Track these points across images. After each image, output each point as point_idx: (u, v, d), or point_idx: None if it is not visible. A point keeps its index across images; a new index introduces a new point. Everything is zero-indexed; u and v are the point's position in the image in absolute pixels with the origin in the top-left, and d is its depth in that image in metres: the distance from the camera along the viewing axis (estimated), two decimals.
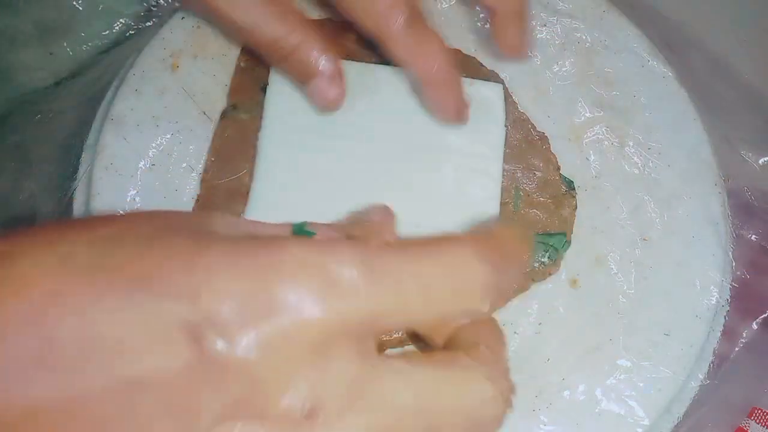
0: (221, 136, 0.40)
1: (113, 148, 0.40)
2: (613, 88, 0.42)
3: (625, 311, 0.38)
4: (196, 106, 0.41)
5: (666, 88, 0.42)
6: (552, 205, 0.39)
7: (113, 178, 0.39)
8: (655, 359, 0.37)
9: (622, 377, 0.36)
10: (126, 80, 0.41)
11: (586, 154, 0.41)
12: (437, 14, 0.44)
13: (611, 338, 0.37)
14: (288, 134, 0.39)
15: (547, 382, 0.36)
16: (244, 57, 0.42)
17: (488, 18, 0.40)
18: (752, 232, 0.41)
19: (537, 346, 0.37)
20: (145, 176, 0.40)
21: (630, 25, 0.44)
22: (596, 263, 0.39)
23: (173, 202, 0.39)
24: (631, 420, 0.36)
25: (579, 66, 0.43)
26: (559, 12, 0.44)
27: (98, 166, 0.40)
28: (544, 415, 0.36)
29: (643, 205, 0.40)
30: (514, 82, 0.42)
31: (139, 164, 0.40)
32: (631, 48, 0.43)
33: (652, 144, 0.41)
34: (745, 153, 0.43)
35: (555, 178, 0.40)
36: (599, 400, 0.36)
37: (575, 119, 0.42)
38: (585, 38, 0.43)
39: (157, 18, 0.45)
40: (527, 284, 0.38)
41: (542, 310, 0.38)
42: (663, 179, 0.40)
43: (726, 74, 0.45)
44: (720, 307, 0.39)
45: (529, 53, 0.41)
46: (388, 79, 0.40)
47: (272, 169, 0.39)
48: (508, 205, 0.39)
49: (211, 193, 0.39)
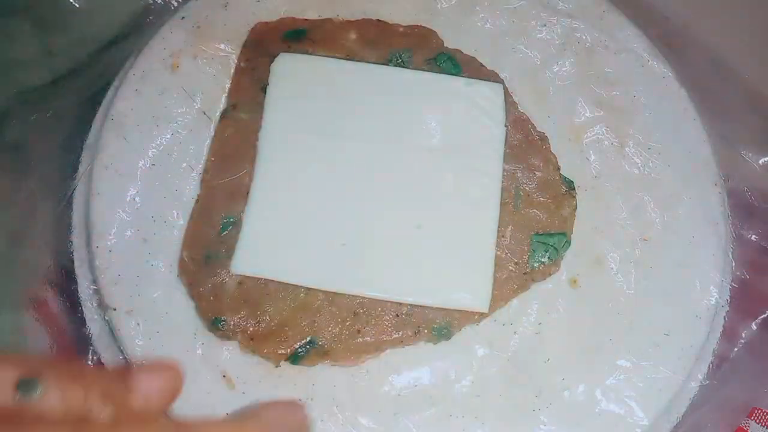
0: (221, 136, 0.40)
1: (113, 147, 0.40)
2: (613, 88, 0.42)
3: (625, 311, 0.38)
4: (196, 106, 0.41)
5: (666, 88, 0.42)
6: (552, 205, 0.39)
7: (113, 178, 0.39)
8: (655, 359, 0.37)
9: (622, 377, 0.36)
10: (126, 80, 0.41)
11: (586, 154, 0.41)
12: (437, 14, 0.44)
13: (611, 338, 0.37)
14: (288, 134, 0.39)
15: (547, 382, 0.36)
16: (244, 57, 0.42)
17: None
18: (752, 232, 0.41)
19: (537, 346, 0.37)
20: (145, 176, 0.40)
21: (630, 25, 0.44)
22: (596, 263, 0.39)
23: (173, 202, 0.39)
24: (631, 420, 0.36)
25: (579, 66, 0.43)
26: (559, 12, 0.44)
27: (98, 165, 0.40)
28: (544, 415, 0.36)
29: (643, 205, 0.40)
30: (514, 82, 0.42)
31: (139, 164, 0.40)
32: (631, 48, 0.43)
33: (652, 144, 0.41)
34: (745, 153, 0.43)
35: (555, 178, 0.40)
36: (599, 400, 0.36)
37: (575, 119, 0.42)
38: (585, 38, 0.43)
39: (155, 16, 0.45)
40: (527, 284, 0.38)
41: (542, 310, 0.38)
42: (663, 179, 0.40)
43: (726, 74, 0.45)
44: (720, 307, 0.39)
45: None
46: (388, 80, 0.40)
47: (272, 169, 0.39)
48: (508, 205, 0.39)
49: (211, 193, 0.39)
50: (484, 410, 0.36)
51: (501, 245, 0.38)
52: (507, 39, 0.43)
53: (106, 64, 0.44)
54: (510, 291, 0.37)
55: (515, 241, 0.38)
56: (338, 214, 0.38)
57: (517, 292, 0.38)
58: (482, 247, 0.37)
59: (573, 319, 0.38)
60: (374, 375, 0.36)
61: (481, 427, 0.35)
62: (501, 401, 0.36)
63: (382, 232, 0.38)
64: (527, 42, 0.43)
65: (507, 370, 0.36)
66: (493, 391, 0.36)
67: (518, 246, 0.38)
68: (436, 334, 0.36)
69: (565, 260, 0.39)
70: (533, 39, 0.43)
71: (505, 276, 0.38)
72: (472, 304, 0.36)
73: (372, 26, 0.43)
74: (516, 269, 0.38)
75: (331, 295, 0.36)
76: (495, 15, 0.44)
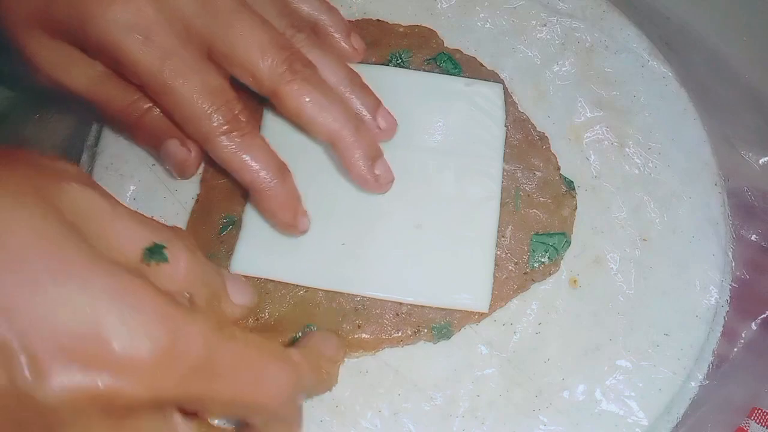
0: None
1: (113, 148, 0.40)
2: (613, 88, 0.42)
3: (625, 311, 0.38)
4: None
5: (666, 88, 0.43)
6: (552, 205, 0.39)
7: (113, 178, 0.39)
8: (655, 359, 0.37)
9: (622, 377, 0.36)
10: None
11: (586, 154, 0.41)
12: (437, 14, 0.44)
13: (611, 338, 0.37)
14: (288, 135, 0.39)
15: (547, 382, 0.36)
16: None
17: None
18: (752, 232, 0.41)
19: (537, 346, 0.37)
20: (145, 176, 0.40)
21: (630, 25, 0.44)
22: (596, 263, 0.39)
23: (173, 202, 0.39)
24: (631, 420, 0.36)
25: (579, 66, 0.43)
26: (560, 12, 0.44)
27: (98, 166, 0.40)
28: (544, 415, 0.36)
29: (643, 205, 0.40)
30: (514, 82, 0.42)
31: (139, 164, 0.40)
32: (631, 48, 0.43)
33: (652, 144, 0.41)
34: (745, 153, 0.43)
35: (555, 178, 0.40)
36: (599, 400, 0.36)
37: (575, 119, 0.42)
38: (585, 38, 0.43)
39: None
40: (527, 284, 0.38)
41: (542, 310, 0.38)
42: (663, 179, 0.40)
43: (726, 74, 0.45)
44: (720, 307, 0.39)
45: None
46: (388, 80, 0.40)
47: None
48: (508, 205, 0.39)
49: (210, 193, 0.39)
50: (484, 410, 0.36)
51: (501, 245, 0.38)
52: (507, 39, 0.43)
53: None
54: (510, 291, 0.37)
55: (515, 241, 0.38)
56: (338, 214, 0.38)
57: (517, 292, 0.38)
58: (482, 247, 0.37)
59: (573, 319, 0.38)
60: (374, 375, 0.36)
61: (481, 427, 0.35)
62: (501, 401, 0.36)
63: (382, 232, 0.38)
64: (527, 42, 0.43)
65: (507, 370, 0.36)
66: (493, 391, 0.36)
67: (518, 246, 0.38)
68: (435, 334, 0.36)
69: (565, 260, 0.38)
70: (533, 39, 0.43)
71: (505, 276, 0.38)
72: (472, 304, 0.36)
73: (372, 26, 0.43)
74: (516, 269, 0.38)
75: (330, 294, 0.37)
76: (495, 15, 0.44)
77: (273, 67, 0.34)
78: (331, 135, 0.35)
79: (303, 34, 0.36)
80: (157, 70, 0.32)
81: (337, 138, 0.35)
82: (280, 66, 0.34)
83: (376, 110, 0.37)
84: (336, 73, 0.36)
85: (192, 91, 0.33)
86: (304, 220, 0.36)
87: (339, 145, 0.35)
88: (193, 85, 0.33)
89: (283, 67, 0.34)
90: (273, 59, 0.34)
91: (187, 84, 0.33)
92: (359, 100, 0.37)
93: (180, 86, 0.33)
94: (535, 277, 0.38)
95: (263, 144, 0.35)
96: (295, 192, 0.36)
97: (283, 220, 0.35)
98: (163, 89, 0.33)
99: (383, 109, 0.38)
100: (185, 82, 0.33)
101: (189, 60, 0.33)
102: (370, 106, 0.37)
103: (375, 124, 0.37)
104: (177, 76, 0.32)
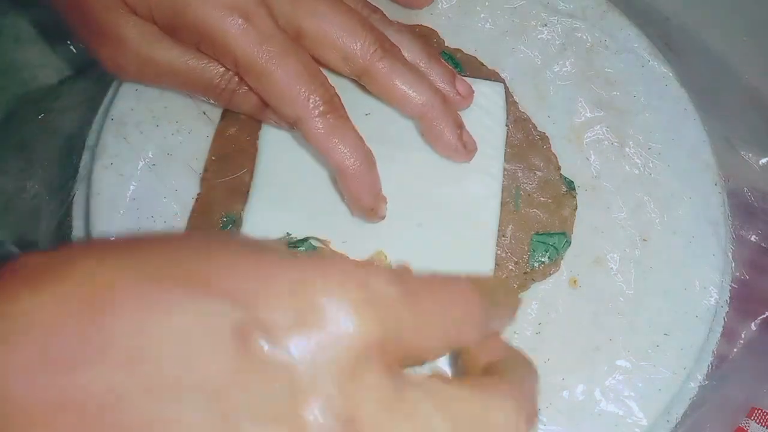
0: (221, 136, 0.40)
1: (113, 148, 0.40)
2: (613, 88, 0.42)
3: (625, 311, 0.38)
4: (196, 106, 0.41)
5: (666, 88, 0.42)
6: (552, 205, 0.39)
7: (113, 178, 0.39)
8: (655, 359, 0.37)
9: (621, 377, 0.36)
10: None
11: (586, 154, 0.41)
12: (437, 14, 0.44)
13: (611, 338, 0.37)
14: (288, 134, 0.39)
15: (547, 382, 0.36)
16: None
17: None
18: (752, 233, 0.41)
19: (537, 346, 0.37)
20: (145, 176, 0.40)
21: (630, 25, 0.44)
22: (596, 263, 0.39)
23: (173, 202, 0.39)
24: (630, 420, 0.36)
25: (579, 66, 0.43)
26: (560, 12, 0.44)
27: (98, 166, 0.40)
28: (544, 415, 0.36)
29: (643, 205, 0.40)
30: (514, 82, 0.42)
31: (139, 164, 0.40)
32: (631, 48, 0.43)
33: (652, 144, 0.41)
34: (745, 153, 0.43)
35: (555, 178, 0.40)
36: (598, 400, 0.36)
37: (575, 119, 0.42)
38: (585, 38, 0.43)
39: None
40: (527, 284, 0.38)
41: (542, 310, 0.38)
42: (663, 179, 0.40)
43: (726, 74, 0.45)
44: (719, 307, 0.39)
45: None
46: None
47: (272, 169, 0.39)
48: (509, 205, 0.39)
49: (211, 192, 0.39)
50: None
51: (501, 244, 0.38)
52: (507, 39, 0.43)
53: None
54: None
55: (515, 241, 0.38)
56: (338, 213, 0.38)
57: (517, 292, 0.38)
58: (483, 247, 0.38)
59: (573, 319, 0.38)
60: None
61: None
62: None
63: (383, 231, 0.38)
64: (528, 42, 0.43)
65: None
66: None
67: (518, 245, 0.38)
68: None
69: (565, 260, 0.38)
70: (534, 39, 0.43)
71: (505, 275, 0.38)
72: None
73: None
74: (516, 269, 0.38)
75: None
76: (495, 15, 0.44)
77: (365, 47, 0.35)
78: (421, 109, 0.37)
79: (377, 14, 0.39)
80: (256, 53, 0.33)
81: (426, 111, 0.37)
82: (371, 45, 0.35)
83: (453, 80, 0.39)
84: (412, 49, 0.38)
85: (290, 74, 0.34)
86: (383, 206, 0.37)
87: (428, 117, 0.37)
88: (291, 67, 0.34)
89: (374, 47, 0.35)
90: (365, 39, 0.35)
91: (285, 66, 0.34)
92: (436, 73, 0.39)
93: (278, 69, 0.34)
94: (535, 277, 0.38)
95: (354, 128, 0.36)
96: (378, 179, 0.37)
97: (366, 204, 0.36)
98: (261, 71, 0.34)
99: (459, 78, 0.39)
100: (284, 64, 0.34)
101: (286, 42, 0.34)
102: (448, 77, 0.39)
103: (455, 92, 0.39)
104: (275, 58, 0.34)
